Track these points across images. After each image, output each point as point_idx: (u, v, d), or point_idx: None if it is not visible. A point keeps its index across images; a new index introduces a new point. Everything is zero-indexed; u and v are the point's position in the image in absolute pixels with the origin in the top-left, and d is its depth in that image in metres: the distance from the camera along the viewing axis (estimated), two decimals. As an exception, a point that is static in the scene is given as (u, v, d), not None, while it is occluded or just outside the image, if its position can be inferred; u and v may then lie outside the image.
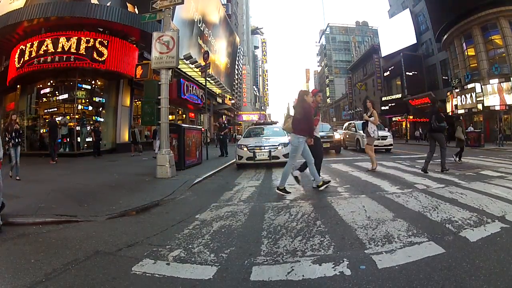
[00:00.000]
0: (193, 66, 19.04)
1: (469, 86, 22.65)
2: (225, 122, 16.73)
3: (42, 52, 12.32)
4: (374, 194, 4.49)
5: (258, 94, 79.08)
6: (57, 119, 13.95)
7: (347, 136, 15.59)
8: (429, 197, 4.15)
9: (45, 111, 14.36)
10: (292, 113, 5.26)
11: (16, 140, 6.72)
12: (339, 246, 2.53)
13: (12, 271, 2.24)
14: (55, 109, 14.29)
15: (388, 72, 37.20)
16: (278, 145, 8.16)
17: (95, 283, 2.04)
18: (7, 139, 6.60)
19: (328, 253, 2.40)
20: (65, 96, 14.00)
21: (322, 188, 4.90)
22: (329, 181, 5.18)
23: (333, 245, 2.57)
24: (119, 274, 2.18)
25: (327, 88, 76.34)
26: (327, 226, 3.07)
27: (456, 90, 23.61)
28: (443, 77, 28.80)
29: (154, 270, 2.22)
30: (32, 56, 12.50)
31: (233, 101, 41.06)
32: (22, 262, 2.40)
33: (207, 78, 14.34)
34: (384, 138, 13.10)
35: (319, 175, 5.10)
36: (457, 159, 8.71)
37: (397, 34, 34.73)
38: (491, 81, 21.14)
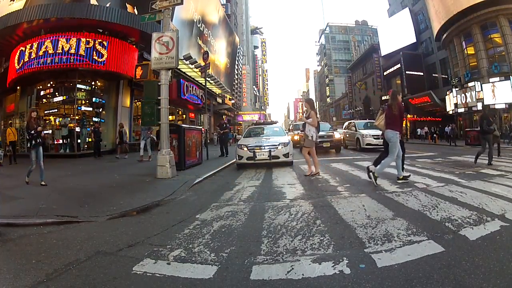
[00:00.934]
0: (192, 66, 19.05)
1: (469, 84, 22.64)
2: (226, 122, 16.73)
3: (41, 54, 12.32)
4: (374, 193, 4.50)
5: (258, 94, 79.07)
6: (57, 120, 14.02)
7: (347, 135, 15.58)
8: (429, 196, 4.16)
9: (45, 112, 14.38)
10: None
11: (37, 140, 6.03)
12: (339, 245, 2.54)
13: (14, 271, 2.25)
14: (55, 110, 14.30)
15: (388, 71, 37.16)
16: (278, 144, 8.17)
17: (96, 283, 2.05)
18: (27, 138, 6.05)
19: (327, 252, 2.41)
20: (65, 97, 14.01)
21: (401, 181, 5.26)
22: (409, 175, 5.56)
23: (332, 244, 2.57)
24: (120, 274, 2.19)
25: (327, 88, 76.39)
26: (327, 225, 3.08)
27: (457, 89, 23.59)
28: (443, 76, 28.78)
29: (155, 269, 2.23)
30: (32, 57, 12.51)
31: (233, 101, 41.05)
32: (23, 263, 2.41)
33: (207, 78, 14.34)
34: (384, 137, 13.09)
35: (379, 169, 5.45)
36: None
37: (397, 33, 34.72)
38: (491, 79, 21.15)
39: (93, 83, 14.63)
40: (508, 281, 1.84)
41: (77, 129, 13.45)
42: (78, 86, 13.68)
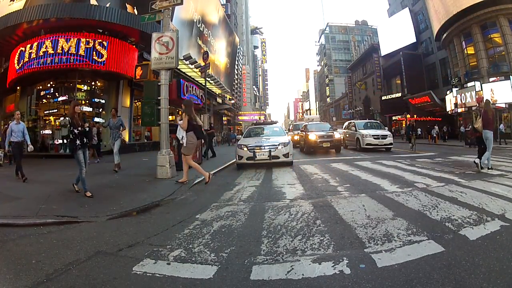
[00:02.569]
0: (192, 66, 19.04)
1: (469, 84, 22.63)
2: (211, 122, 16.26)
3: (41, 54, 12.31)
4: (374, 193, 4.50)
5: (257, 94, 79.09)
6: (57, 120, 14.03)
7: (347, 135, 15.59)
8: (429, 195, 4.16)
9: (45, 112, 14.39)
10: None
11: (84, 140, 4.95)
12: (339, 245, 2.54)
13: (14, 271, 2.25)
14: (55, 110, 14.30)
15: (388, 71, 37.14)
16: (278, 144, 8.17)
17: (96, 283, 2.05)
18: (70, 137, 4.90)
19: (327, 252, 2.41)
20: (65, 97, 14.01)
21: (490, 170, 6.19)
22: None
23: (332, 244, 2.58)
24: (120, 274, 2.19)
25: (327, 88, 76.38)
26: (327, 225, 3.08)
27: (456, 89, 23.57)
28: (443, 76, 28.76)
29: (155, 270, 2.23)
30: (31, 57, 12.50)
31: (233, 101, 41.09)
32: (23, 263, 2.41)
33: (207, 78, 14.34)
34: (384, 137, 13.12)
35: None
36: None
37: (397, 33, 34.69)
38: (491, 79, 21.15)
39: (93, 83, 14.63)
40: (508, 281, 1.84)
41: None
42: (78, 86, 13.67)
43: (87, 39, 12.54)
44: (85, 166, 4.92)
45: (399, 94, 34.25)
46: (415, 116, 30.18)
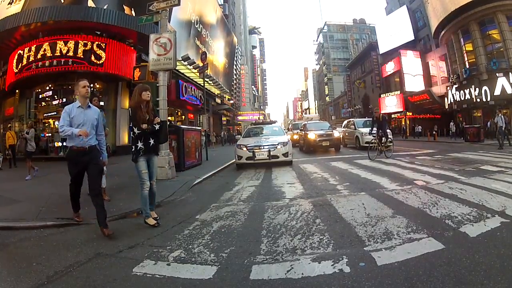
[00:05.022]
0: (191, 67, 19.04)
1: (468, 81, 22.64)
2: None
3: (40, 57, 12.33)
4: (374, 191, 4.50)
5: (256, 94, 79.03)
6: (56, 123, 14.03)
7: (347, 134, 15.59)
8: (428, 193, 4.16)
9: (45, 115, 14.39)
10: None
11: (150, 143, 3.50)
12: (339, 244, 2.54)
13: (15, 274, 2.25)
14: (55, 113, 14.30)
15: (387, 69, 37.13)
16: (277, 144, 8.17)
17: (97, 284, 2.06)
18: (132, 136, 3.49)
19: (327, 251, 2.41)
20: (64, 99, 14.00)
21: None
22: None
23: (332, 242, 2.58)
24: (120, 275, 2.20)
25: (325, 87, 76.38)
26: (326, 224, 3.08)
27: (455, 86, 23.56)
28: (442, 73, 28.76)
29: (155, 270, 2.23)
30: (30, 60, 12.51)
31: (232, 101, 41.00)
32: (24, 265, 2.41)
33: (205, 79, 14.34)
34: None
35: None
36: None
37: (395, 31, 34.70)
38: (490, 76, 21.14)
39: (91, 85, 14.56)
40: (509, 278, 1.83)
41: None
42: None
43: (85, 41, 12.56)
44: (151, 180, 3.59)
45: (398, 92, 34.24)
46: (411, 113, 30.20)
